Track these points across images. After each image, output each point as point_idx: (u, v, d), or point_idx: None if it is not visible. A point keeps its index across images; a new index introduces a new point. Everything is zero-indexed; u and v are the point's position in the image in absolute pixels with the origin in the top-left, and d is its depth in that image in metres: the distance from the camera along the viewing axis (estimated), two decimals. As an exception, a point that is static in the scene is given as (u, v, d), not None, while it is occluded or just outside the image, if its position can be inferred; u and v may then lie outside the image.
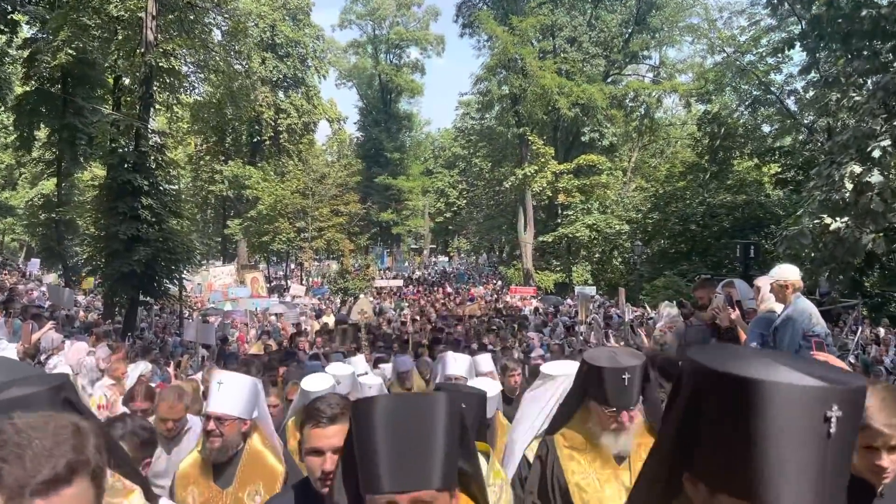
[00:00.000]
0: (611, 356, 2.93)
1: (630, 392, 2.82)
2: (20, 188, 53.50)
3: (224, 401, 3.19)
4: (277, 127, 48.65)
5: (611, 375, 2.80)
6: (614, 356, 2.92)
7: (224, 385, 3.19)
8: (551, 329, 24.17)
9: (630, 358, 2.89)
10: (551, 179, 40.56)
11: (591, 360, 2.91)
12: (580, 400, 3.00)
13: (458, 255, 66.88)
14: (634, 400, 2.87)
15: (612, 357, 2.91)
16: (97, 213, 21.27)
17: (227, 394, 3.17)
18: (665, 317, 9.35)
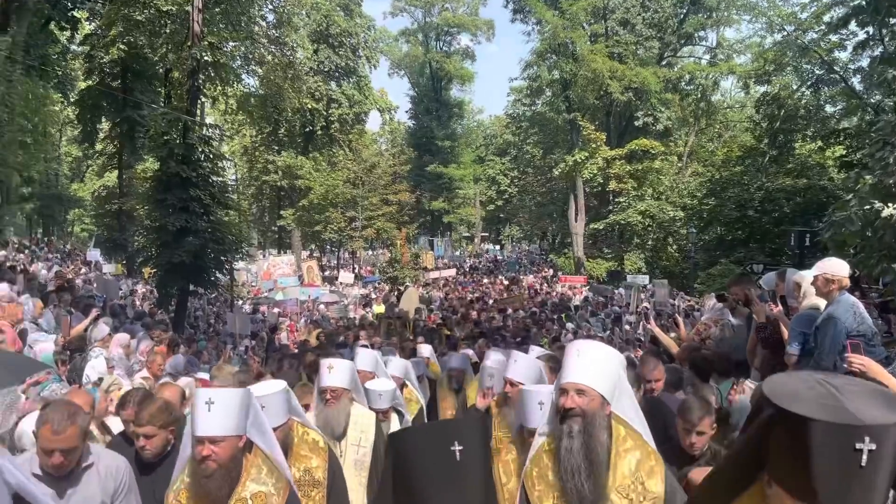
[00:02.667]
0: (828, 396, 1.42)
1: None
2: (87, 180, 55.48)
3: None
4: (329, 117, 49.00)
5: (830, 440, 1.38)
6: (836, 397, 1.41)
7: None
8: (600, 319, 23.74)
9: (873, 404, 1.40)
10: (603, 166, 39.77)
11: (780, 398, 1.45)
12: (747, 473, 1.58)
13: (509, 244, 66.44)
14: None
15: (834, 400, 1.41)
16: (150, 205, 21.74)
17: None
18: (711, 309, 8.96)
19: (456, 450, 2.41)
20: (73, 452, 3.13)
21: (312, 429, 3.78)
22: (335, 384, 4.32)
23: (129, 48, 26.56)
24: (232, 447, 2.86)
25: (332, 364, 4.40)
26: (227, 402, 2.87)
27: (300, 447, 3.65)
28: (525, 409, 3.40)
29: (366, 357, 5.87)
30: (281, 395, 3.50)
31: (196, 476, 2.88)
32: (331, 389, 4.31)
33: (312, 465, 3.61)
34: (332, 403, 4.30)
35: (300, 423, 3.73)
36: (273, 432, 3.35)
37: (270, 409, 3.35)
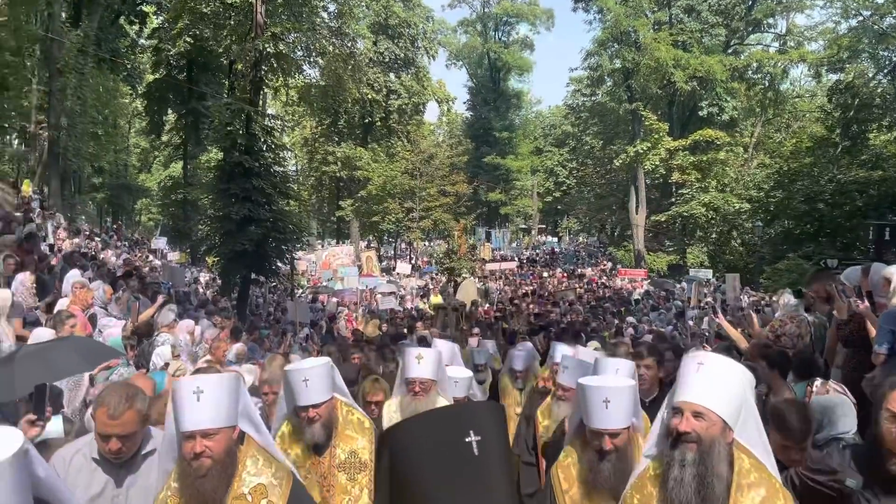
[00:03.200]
0: None
1: None
2: (154, 170, 57.21)
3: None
4: (388, 108, 49.23)
5: None
6: None
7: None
8: (662, 314, 23.22)
9: None
10: (665, 156, 38.92)
11: None
12: None
13: (567, 236, 65.68)
14: None
15: None
16: (214, 195, 22.19)
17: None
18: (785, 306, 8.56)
19: (472, 441, 1.90)
20: (132, 438, 2.92)
21: (357, 409, 3.65)
22: (424, 375, 4.15)
23: (195, 41, 27.15)
24: (227, 440, 2.54)
25: (422, 354, 4.22)
26: (218, 391, 2.53)
27: (345, 427, 3.52)
28: (588, 407, 2.89)
29: (445, 349, 5.66)
30: (325, 368, 3.38)
31: (187, 477, 2.50)
32: (420, 381, 4.13)
33: (358, 447, 3.47)
34: (422, 396, 4.10)
35: (344, 402, 3.61)
36: (320, 407, 3.34)
37: (314, 384, 3.29)
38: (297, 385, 3.31)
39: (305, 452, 3.42)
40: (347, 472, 3.40)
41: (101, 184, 46.02)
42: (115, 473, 2.96)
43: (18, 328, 7.05)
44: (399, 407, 4.17)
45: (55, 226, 20.88)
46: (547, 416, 4.79)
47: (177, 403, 2.50)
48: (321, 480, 3.40)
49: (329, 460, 3.42)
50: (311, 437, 3.34)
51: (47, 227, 19.46)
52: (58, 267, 12.98)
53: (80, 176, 38.36)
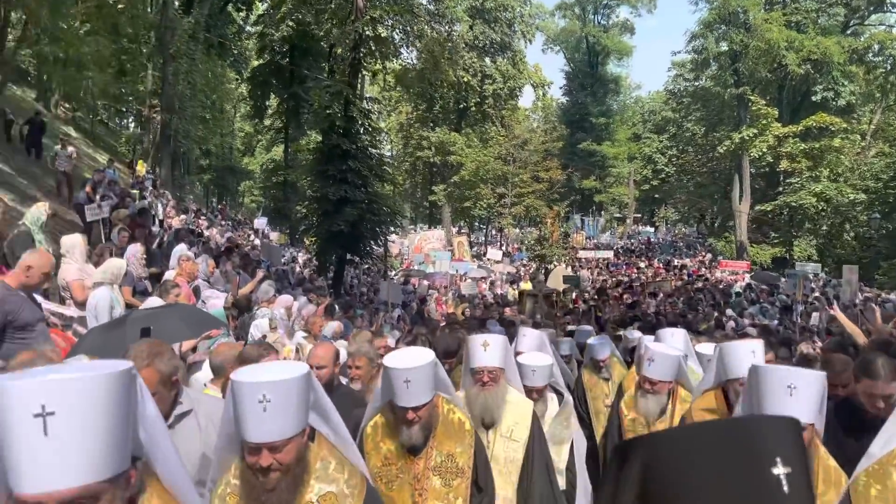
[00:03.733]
0: None
1: None
2: (257, 154, 59.39)
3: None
4: (483, 93, 49.06)
5: None
6: None
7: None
8: (764, 308, 22.16)
9: None
10: (773, 143, 36.99)
11: None
12: None
13: (664, 225, 63.72)
14: None
15: None
16: (312, 176, 22.76)
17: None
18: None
19: (781, 474, 1.15)
20: None
21: (459, 408, 3.33)
22: (493, 364, 3.75)
23: (297, 25, 27.83)
24: (297, 447, 2.20)
25: (488, 340, 3.80)
26: (286, 399, 2.13)
27: (444, 428, 3.22)
28: (767, 394, 2.62)
29: (532, 338, 5.29)
30: (428, 368, 3.04)
31: (252, 489, 2.20)
32: (487, 370, 3.73)
33: (456, 451, 3.18)
34: (491, 386, 3.72)
35: (446, 399, 3.29)
36: (420, 409, 3.00)
37: (416, 386, 2.97)
38: (397, 384, 3.01)
39: (399, 450, 3.15)
40: (443, 477, 3.15)
41: (207, 166, 48.16)
42: None
43: (128, 296, 7.43)
44: (466, 400, 3.72)
45: (165, 204, 21.96)
46: (632, 408, 4.61)
47: (238, 408, 2.13)
48: (414, 482, 3.14)
49: (424, 462, 3.16)
50: (409, 439, 3.07)
51: (158, 204, 20.49)
52: (166, 242, 13.67)
53: (188, 158, 40.30)
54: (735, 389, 3.31)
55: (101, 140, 30.72)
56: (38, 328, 4.87)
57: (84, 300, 6.65)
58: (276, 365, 2.39)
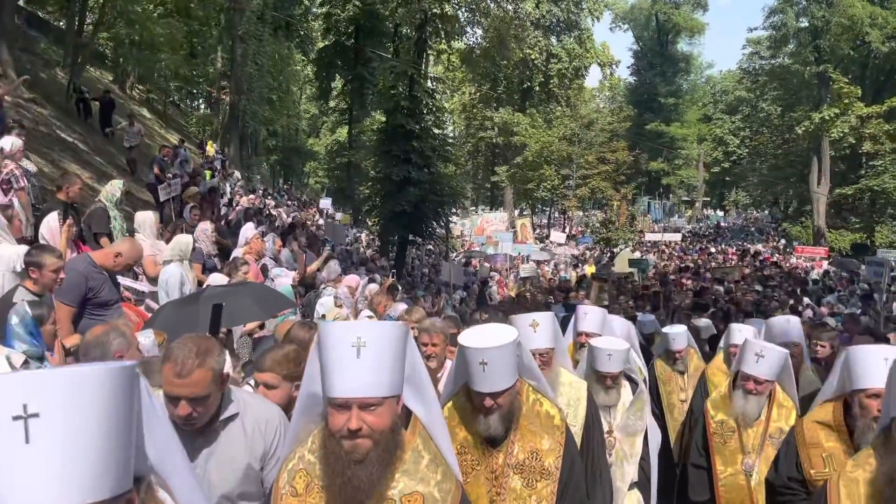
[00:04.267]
0: None
1: None
2: (322, 135, 60.12)
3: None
4: (548, 72, 48.29)
5: None
6: None
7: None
8: (843, 296, 21.19)
9: None
10: (856, 124, 35.23)
11: None
12: None
13: (734, 209, 61.72)
14: None
15: None
16: (376, 157, 22.84)
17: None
18: None
19: None
20: (205, 401, 2.38)
21: (548, 397, 2.92)
22: (543, 345, 3.45)
23: (363, 4, 27.81)
24: (392, 414, 1.89)
25: (537, 320, 3.50)
26: (382, 348, 1.86)
27: (529, 420, 2.80)
28: None
29: (593, 316, 4.90)
30: (510, 347, 2.61)
31: (338, 461, 1.86)
32: (539, 353, 3.40)
33: (543, 447, 2.75)
34: (544, 369, 3.34)
35: (532, 386, 2.89)
36: (501, 396, 2.60)
37: (495, 368, 2.57)
38: (473, 366, 2.62)
39: (476, 440, 2.75)
40: (524, 477, 2.73)
41: (274, 147, 49.03)
42: (190, 443, 2.34)
43: (198, 273, 7.52)
44: None
45: (234, 183, 22.40)
46: (721, 409, 4.19)
47: (326, 356, 1.87)
48: (491, 479, 2.74)
49: (504, 457, 2.74)
50: (486, 429, 2.67)
51: (226, 184, 20.90)
52: (234, 220, 13.89)
53: (256, 139, 41.10)
54: (861, 403, 2.82)
55: (172, 121, 31.54)
56: (114, 307, 4.96)
57: (156, 276, 6.76)
58: None
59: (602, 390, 4.00)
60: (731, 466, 4.03)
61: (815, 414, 3.12)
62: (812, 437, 3.02)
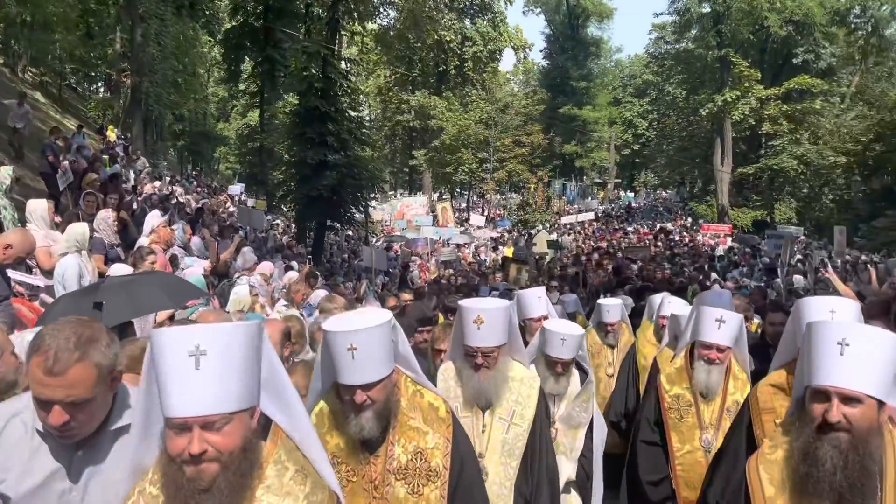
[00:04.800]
0: None
1: None
2: (232, 119, 58.14)
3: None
4: (463, 55, 48.25)
5: None
6: None
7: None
8: (747, 271, 22.20)
9: None
10: (755, 106, 36.88)
11: None
12: None
13: (644, 190, 63.73)
14: None
15: None
16: (290, 140, 22.19)
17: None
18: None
19: None
20: (87, 407, 1.84)
21: (429, 388, 2.59)
22: (489, 343, 3.03)
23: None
24: (243, 431, 1.59)
25: (482, 315, 3.01)
26: (232, 349, 1.57)
27: (409, 415, 2.47)
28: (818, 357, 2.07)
29: (533, 299, 4.62)
30: (382, 332, 2.25)
31: (178, 490, 1.56)
32: (482, 352, 3.02)
33: (427, 445, 2.43)
34: (485, 371, 3.03)
35: (410, 377, 2.55)
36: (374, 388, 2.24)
37: (365, 355, 2.20)
38: (340, 355, 2.23)
39: (350, 447, 2.39)
40: (409, 482, 2.39)
41: (181, 131, 47.06)
42: (67, 458, 1.90)
43: (100, 264, 7.00)
44: (458, 378, 3.17)
45: (139, 170, 21.29)
46: (677, 382, 3.93)
47: (159, 369, 1.56)
48: (370, 490, 2.39)
49: (384, 462, 2.39)
50: (359, 430, 2.29)
51: (130, 171, 19.83)
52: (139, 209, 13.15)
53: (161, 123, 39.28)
54: None
55: (69, 105, 29.71)
56: (2, 304, 4.52)
57: (51, 268, 6.25)
58: None
59: (552, 377, 3.73)
60: (688, 443, 3.83)
61: (770, 377, 2.95)
62: (766, 403, 2.83)
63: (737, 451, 2.82)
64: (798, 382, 2.20)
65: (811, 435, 1.98)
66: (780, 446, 2.16)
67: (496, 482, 3.05)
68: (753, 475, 2.18)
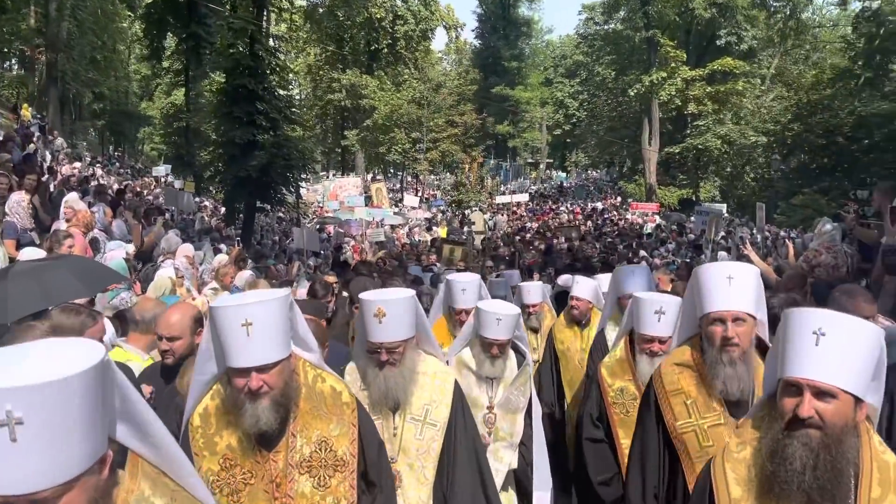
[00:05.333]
0: None
1: None
2: (157, 98, 56.09)
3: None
4: (394, 34, 47.74)
5: None
6: None
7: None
8: (674, 248, 22.88)
9: None
10: (681, 87, 37.79)
11: None
12: None
13: (575, 170, 64.74)
14: None
15: None
16: (217, 119, 21.55)
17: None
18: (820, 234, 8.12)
19: None
20: None
21: (329, 372, 2.43)
22: (392, 338, 2.78)
23: (195, -43, 25.91)
24: (87, 494, 1.32)
25: (383, 307, 2.74)
26: (50, 411, 1.25)
27: (310, 402, 2.29)
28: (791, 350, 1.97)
29: (458, 291, 4.31)
30: (278, 308, 2.08)
31: None
32: (387, 347, 2.78)
33: (332, 433, 2.28)
34: (391, 368, 2.81)
35: (309, 362, 2.38)
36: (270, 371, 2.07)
37: (261, 334, 2.01)
38: (232, 334, 2.02)
39: (245, 444, 2.19)
40: (314, 475, 2.23)
41: (101, 110, 45.18)
42: None
43: (11, 249, 6.66)
44: (363, 379, 2.92)
45: (55, 151, 20.37)
46: (619, 375, 3.62)
47: None
48: (272, 489, 2.20)
49: (284, 457, 2.21)
50: (255, 421, 2.08)
51: (46, 152, 18.96)
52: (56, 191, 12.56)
53: (80, 102, 37.60)
54: (706, 332, 2.57)
55: (-22, 82, 28.14)
56: None
57: (-44, 254, 5.91)
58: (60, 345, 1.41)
59: (487, 360, 3.57)
60: None
61: (673, 355, 2.80)
62: (673, 383, 2.68)
63: (645, 444, 2.76)
64: (770, 374, 2.03)
65: (780, 431, 1.84)
66: (749, 443, 2.01)
67: (411, 487, 2.84)
68: (719, 473, 2.02)
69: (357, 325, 2.99)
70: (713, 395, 2.58)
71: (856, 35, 35.04)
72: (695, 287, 2.65)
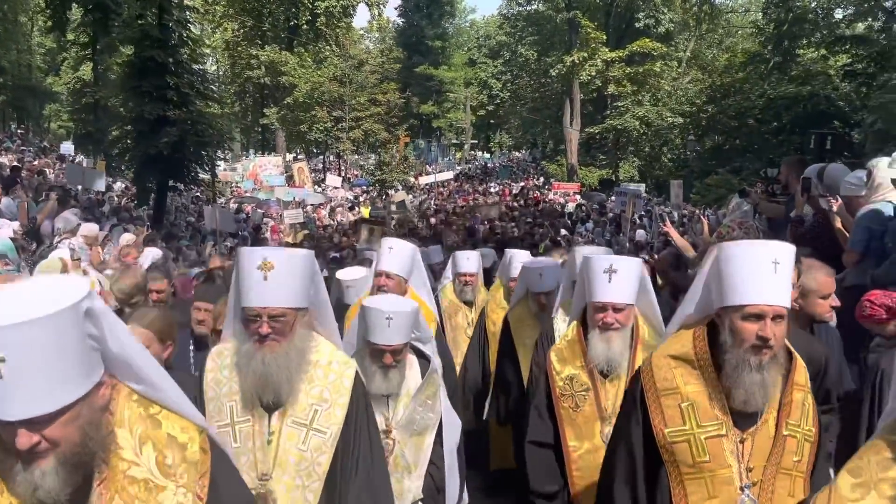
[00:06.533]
0: None
1: None
2: (63, 73, 53.09)
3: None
4: (315, 10, 46.52)
5: None
6: None
7: None
8: (595, 227, 23.28)
9: None
10: (601, 68, 38.30)
11: None
12: None
13: (499, 151, 65.10)
14: None
15: None
16: (125, 94, 20.48)
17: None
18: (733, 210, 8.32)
19: None
20: None
21: (172, 408, 1.67)
22: (279, 304, 2.19)
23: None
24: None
25: (272, 260, 2.17)
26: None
27: (127, 458, 1.55)
28: None
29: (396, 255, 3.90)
30: (56, 325, 1.34)
31: None
32: (269, 314, 2.19)
33: None
34: (273, 344, 2.19)
35: (137, 392, 1.62)
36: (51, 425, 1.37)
37: (17, 371, 1.29)
38: None
39: None
40: None
41: (2, 85, 42.47)
42: None
43: None
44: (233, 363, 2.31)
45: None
46: (569, 360, 3.04)
47: None
48: None
49: None
50: (31, 489, 1.39)
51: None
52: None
53: (-24, 75, 35.20)
54: (734, 326, 2.07)
55: None
56: None
57: None
58: None
59: (379, 372, 2.83)
60: (587, 440, 2.97)
61: (669, 346, 2.30)
62: (666, 380, 2.20)
63: (630, 454, 2.27)
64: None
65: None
66: None
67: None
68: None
69: (231, 290, 2.32)
70: (719, 402, 2.13)
71: (765, 20, 36.36)
72: (723, 271, 2.11)
